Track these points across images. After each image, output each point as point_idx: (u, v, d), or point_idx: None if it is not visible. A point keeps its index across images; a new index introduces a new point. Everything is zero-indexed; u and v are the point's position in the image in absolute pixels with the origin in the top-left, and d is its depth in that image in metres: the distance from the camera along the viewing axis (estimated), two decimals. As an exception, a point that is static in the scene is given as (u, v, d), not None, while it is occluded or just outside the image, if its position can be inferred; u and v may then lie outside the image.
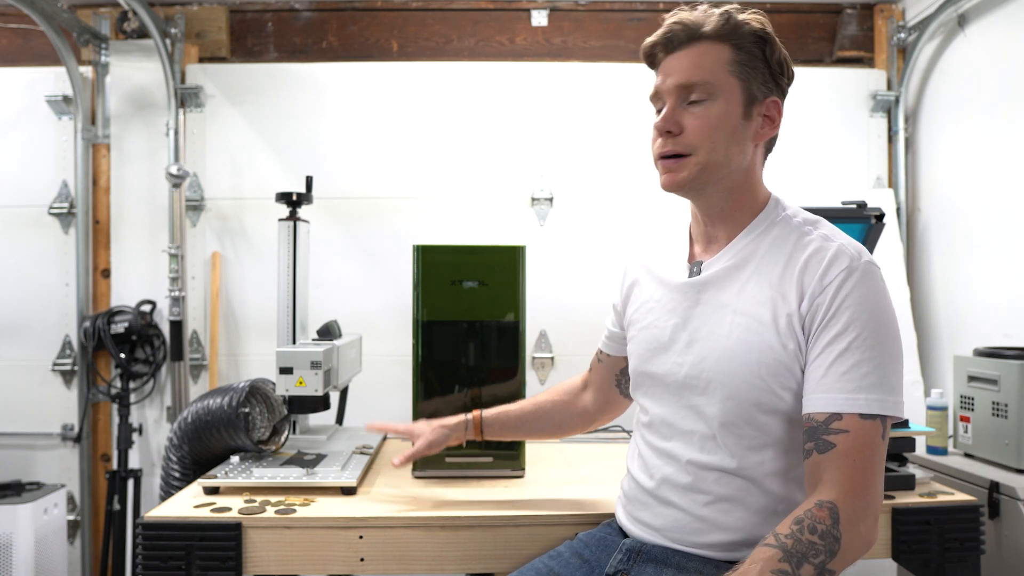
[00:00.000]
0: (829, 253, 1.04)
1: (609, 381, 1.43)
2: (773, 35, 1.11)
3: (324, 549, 1.32)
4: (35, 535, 2.25)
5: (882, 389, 0.99)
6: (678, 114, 1.09)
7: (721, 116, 1.07)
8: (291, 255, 1.88)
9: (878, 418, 0.98)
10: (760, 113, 1.10)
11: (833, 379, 0.99)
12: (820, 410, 1.00)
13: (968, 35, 2.31)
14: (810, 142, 2.59)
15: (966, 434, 1.88)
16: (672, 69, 1.10)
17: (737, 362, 1.06)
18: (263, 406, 1.73)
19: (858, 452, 0.97)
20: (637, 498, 1.19)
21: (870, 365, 0.99)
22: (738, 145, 1.09)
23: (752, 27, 1.09)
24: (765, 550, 0.94)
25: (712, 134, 1.08)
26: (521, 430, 1.48)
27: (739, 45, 1.08)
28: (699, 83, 1.07)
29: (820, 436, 0.99)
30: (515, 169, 2.58)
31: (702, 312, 1.12)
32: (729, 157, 1.09)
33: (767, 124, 1.11)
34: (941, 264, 2.44)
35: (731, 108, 1.08)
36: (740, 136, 1.09)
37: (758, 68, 1.09)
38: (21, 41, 2.61)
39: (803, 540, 0.93)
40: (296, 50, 2.65)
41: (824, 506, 0.95)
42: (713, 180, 1.10)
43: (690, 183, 1.10)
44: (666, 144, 1.10)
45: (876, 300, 1.02)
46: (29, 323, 2.56)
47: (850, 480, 0.96)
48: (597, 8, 2.64)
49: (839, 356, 1.00)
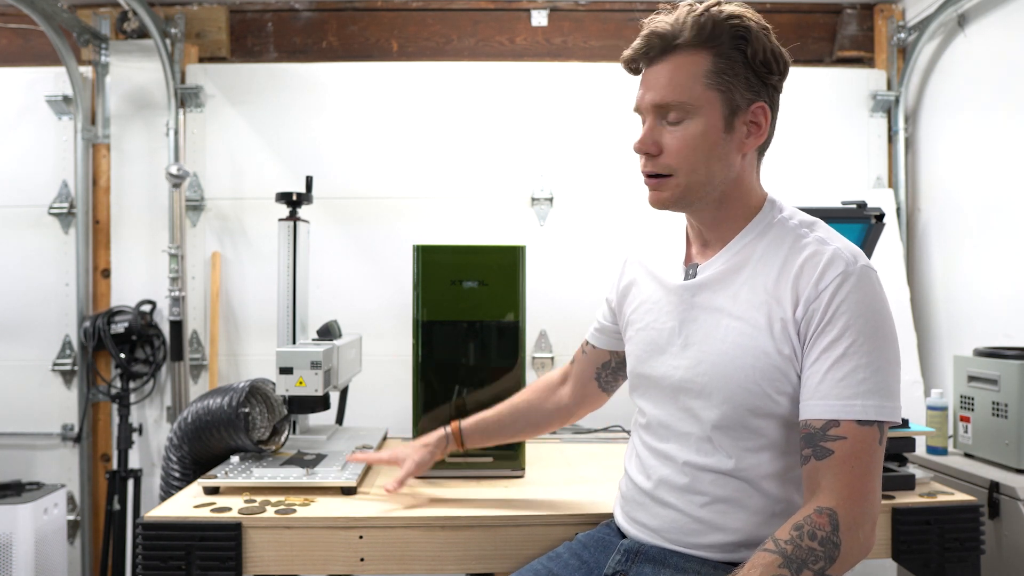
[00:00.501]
0: (825, 257, 1.02)
1: (589, 374, 1.42)
2: (756, 29, 1.04)
3: (324, 549, 1.32)
4: (35, 535, 2.25)
5: (879, 395, 0.98)
6: (656, 133, 1.07)
7: (699, 135, 1.04)
8: (291, 255, 1.88)
9: (875, 424, 0.98)
10: (744, 122, 1.06)
11: (830, 386, 0.99)
12: (817, 417, 1.00)
13: (968, 35, 2.31)
14: (810, 142, 2.59)
15: (966, 434, 1.88)
16: (650, 84, 1.07)
17: (732, 367, 1.05)
18: (263, 406, 1.73)
19: (856, 458, 0.97)
20: (634, 499, 1.19)
21: (867, 371, 0.98)
22: (721, 160, 1.06)
23: (731, 24, 1.03)
24: (765, 555, 0.94)
25: (691, 155, 1.05)
26: (500, 434, 1.48)
27: (718, 51, 1.03)
28: (674, 104, 1.04)
29: (818, 443, 0.99)
30: (515, 169, 2.58)
31: (697, 315, 1.11)
32: (711, 174, 1.07)
33: (753, 132, 1.07)
34: (941, 264, 2.44)
35: (711, 124, 1.04)
36: (722, 151, 1.06)
37: (739, 74, 1.04)
38: (21, 41, 2.61)
39: (803, 546, 0.93)
40: (296, 50, 2.65)
41: (824, 512, 0.95)
42: (699, 197, 1.08)
43: (674, 202, 1.09)
44: (647, 164, 1.09)
45: (872, 304, 1.01)
46: (29, 323, 2.56)
47: (849, 487, 0.96)
48: (597, 8, 2.64)
49: (835, 362, 0.99)
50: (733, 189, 1.10)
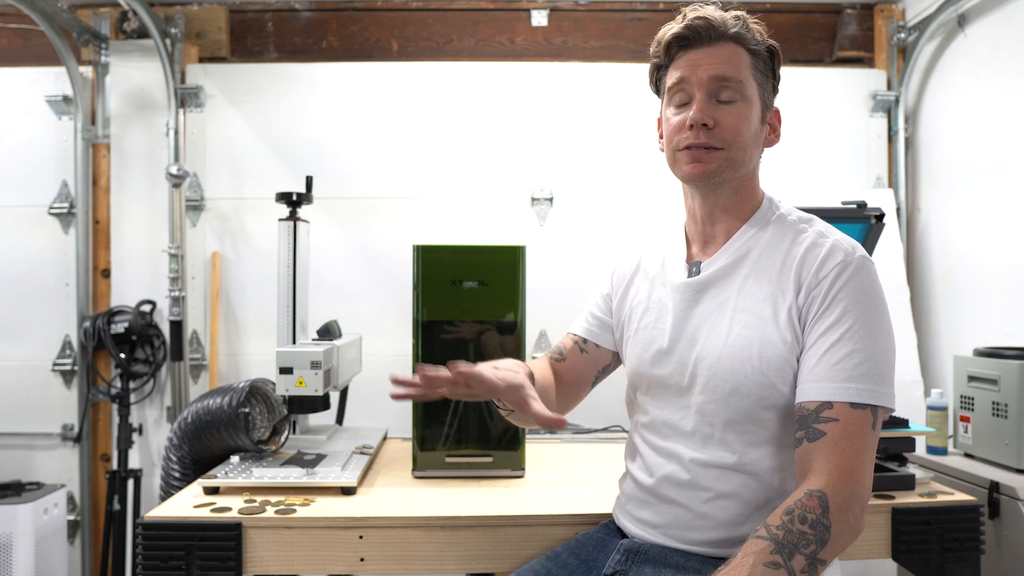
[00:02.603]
0: (825, 248, 1.06)
1: (588, 376, 1.32)
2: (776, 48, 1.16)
3: (324, 549, 1.32)
4: (35, 535, 2.25)
5: (873, 379, 1.00)
6: (711, 109, 1.10)
7: (749, 116, 1.11)
8: (291, 255, 1.88)
9: (868, 407, 1.00)
10: (769, 121, 1.16)
11: (825, 368, 1.01)
12: (811, 399, 1.01)
13: (968, 35, 2.31)
14: (810, 142, 2.59)
15: (966, 434, 1.88)
16: (701, 62, 1.11)
17: (739, 357, 1.07)
18: (263, 406, 1.73)
19: (847, 441, 0.98)
20: (637, 496, 1.19)
21: (862, 355, 1.00)
22: (756, 148, 1.15)
23: (764, 37, 1.14)
24: (757, 542, 0.94)
25: (743, 133, 1.11)
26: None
27: (756, 53, 1.12)
28: (733, 79, 1.09)
29: (810, 424, 1.00)
30: (515, 169, 2.58)
31: (703, 311, 1.13)
32: (750, 158, 1.13)
33: (771, 132, 1.18)
34: (941, 264, 2.44)
35: (755, 112, 1.12)
36: (758, 140, 1.14)
37: (768, 78, 1.15)
38: (21, 41, 2.61)
39: (794, 531, 0.94)
40: (296, 50, 2.65)
41: (814, 495, 0.96)
42: (732, 177, 1.13)
43: (717, 175, 1.11)
44: (699, 136, 1.10)
45: (870, 293, 1.04)
46: (29, 323, 2.56)
47: (839, 468, 0.97)
48: (597, 8, 2.64)
49: (832, 346, 1.01)
50: (748, 180, 1.16)
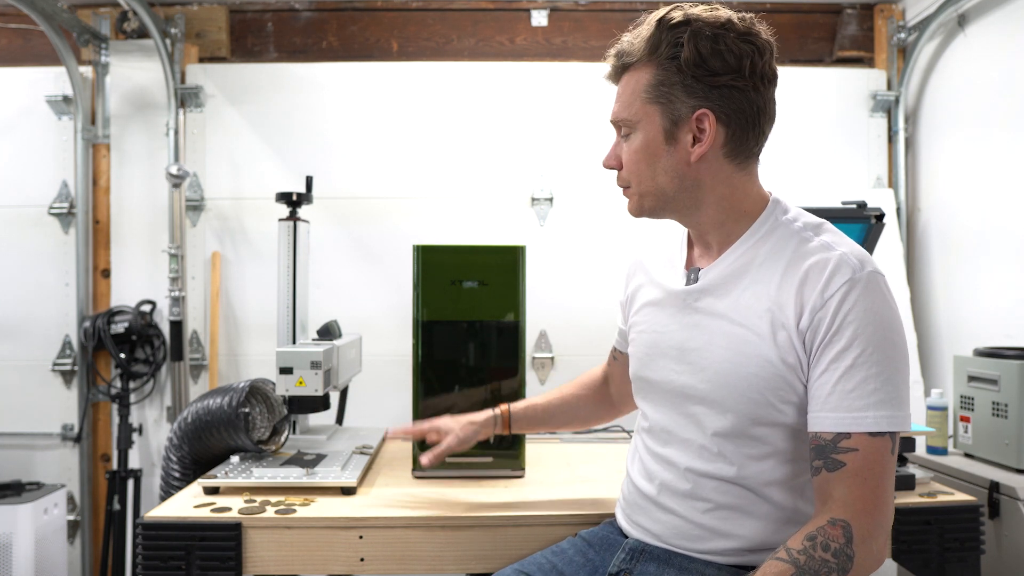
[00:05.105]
0: (831, 264, 0.99)
1: (627, 377, 1.38)
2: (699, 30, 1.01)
3: (324, 549, 1.32)
4: (35, 535, 2.25)
5: (891, 405, 0.96)
6: (618, 148, 1.13)
7: (640, 148, 1.08)
8: (291, 255, 1.88)
9: (887, 435, 0.96)
10: (690, 130, 1.04)
11: (839, 397, 0.97)
12: (828, 429, 0.97)
13: (968, 35, 2.31)
14: (810, 142, 2.59)
15: (966, 434, 1.88)
16: (614, 103, 1.13)
17: (734, 375, 1.03)
18: (263, 406, 1.73)
19: (868, 470, 0.95)
20: (636, 503, 1.18)
21: (877, 381, 0.96)
22: (668, 172, 1.07)
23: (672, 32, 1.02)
24: (776, 564, 0.93)
25: (636, 167, 1.10)
26: (547, 423, 1.50)
27: (659, 63, 1.04)
28: (620, 121, 1.11)
29: (829, 455, 0.97)
30: (515, 169, 2.58)
31: (698, 320, 1.09)
32: (660, 185, 1.08)
33: (700, 139, 1.04)
34: (941, 264, 2.44)
35: (650, 137, 1.07)
36: (667, 163, 1.06)
37: (676, 83, 1.03)
38: (21, 41, 2.61)
39: (816, 557, 0.92)
40: (296, 50, 2.65)
41: (837, 524, 0.93)
42: (662, 206, 1.11)
43: (643, 212, 1.13)
44: (617, 178, 1.15)
45: (880, 312, 0.97)
46: (29, 323, 2.56)
47: (862, 500, 0.94)
48: (597, 8, 2.64)
49: (844, 373, 0.96)
50: (708, 195, 1.08)
